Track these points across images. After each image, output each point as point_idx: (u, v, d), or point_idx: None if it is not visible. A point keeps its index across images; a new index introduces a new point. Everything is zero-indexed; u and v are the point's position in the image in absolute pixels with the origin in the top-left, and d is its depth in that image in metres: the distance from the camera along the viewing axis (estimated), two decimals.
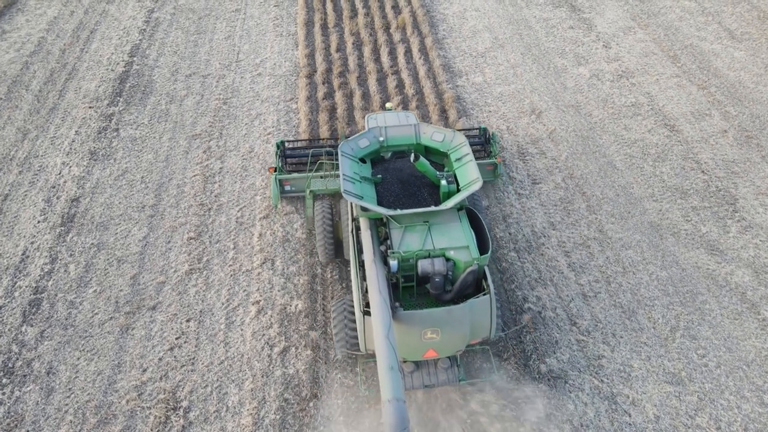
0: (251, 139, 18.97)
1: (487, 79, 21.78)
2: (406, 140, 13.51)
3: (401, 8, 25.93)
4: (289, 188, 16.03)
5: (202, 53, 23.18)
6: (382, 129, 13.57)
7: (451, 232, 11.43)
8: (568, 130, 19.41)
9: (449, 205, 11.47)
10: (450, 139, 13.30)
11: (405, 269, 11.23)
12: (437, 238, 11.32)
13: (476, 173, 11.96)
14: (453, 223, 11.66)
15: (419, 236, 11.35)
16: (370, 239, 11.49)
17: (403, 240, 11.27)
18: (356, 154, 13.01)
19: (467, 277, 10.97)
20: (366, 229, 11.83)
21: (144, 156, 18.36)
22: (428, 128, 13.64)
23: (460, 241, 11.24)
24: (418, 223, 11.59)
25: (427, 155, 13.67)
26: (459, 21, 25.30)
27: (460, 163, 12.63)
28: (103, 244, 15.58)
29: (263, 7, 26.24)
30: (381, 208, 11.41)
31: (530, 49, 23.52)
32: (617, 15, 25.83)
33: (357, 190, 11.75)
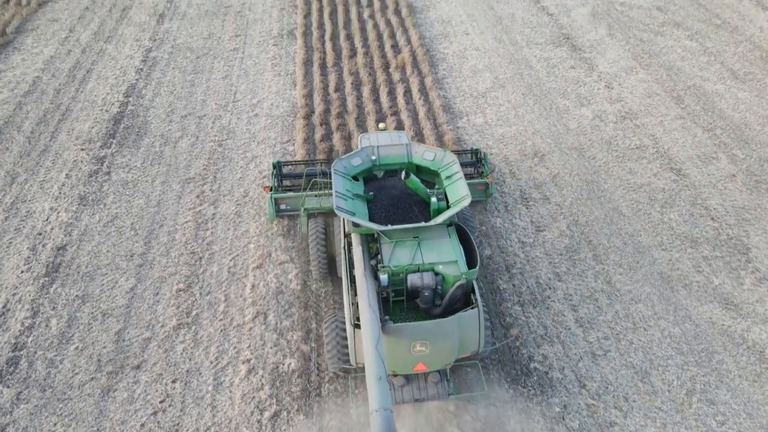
0: (246, 183, 18.44)
1: (488, 120, 21.39)
2: (398, 159, 13.84)
3: (401, 47, 25.75)
4: (285, 207, 16.26)
5: (198, 93, 22.86)
6: (374, 148, 13.91)
7: (440, 248, 11.70)
8: (572, 173, 18.90)
9: (438, 221, 11.81)
10: (440, 158, 13.61)
11: (395, 283, 11.51)
12: (427, 253, 11.58)
13: (465, 190, 12.23)
14: (442, 238, 11.94)
15: (409, 251, 11.63)
16: (361, 254, 11.76)
17: (394, 255, 11.55)
18: (349, 172, 13.34)
19: (456, 291, 11.17)
20: (357, 244, 12.10)
21: (135, 201, 17.80)
22: (419, 147, 13.98)
23: (449, 256, 11.50)
24: (408, 239, 11.88)
25: (419, 174, 13.91)
26: (459, 60, 25.07)
27: (450, 181, 12.94)
28: (88, 296, 14.88)
29: (262, 47, 26.07)
30: (372, 224, 11.76)
31: (531, 89, 23.21)
32: (618, 55, 25.62)
33: (349, 207, 12.08)
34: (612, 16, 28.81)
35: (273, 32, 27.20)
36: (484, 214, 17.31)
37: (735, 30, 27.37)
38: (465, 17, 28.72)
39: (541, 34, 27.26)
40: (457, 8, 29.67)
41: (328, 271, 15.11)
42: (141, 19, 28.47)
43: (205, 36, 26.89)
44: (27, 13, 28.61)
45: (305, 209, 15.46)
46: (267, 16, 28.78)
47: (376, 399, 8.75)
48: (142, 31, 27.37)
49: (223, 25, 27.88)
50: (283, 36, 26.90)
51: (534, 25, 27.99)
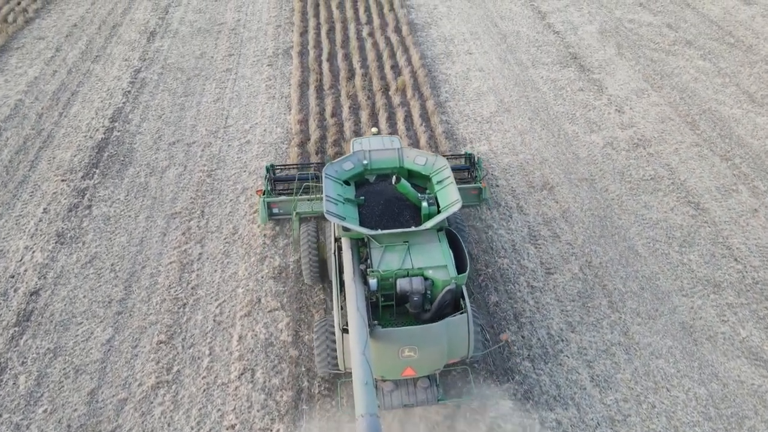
0: (235, 219, 17.28)
1: (494, 147, 20.24)
2: (390, 163, 13.90)
3: (401, 68, 24.65)
4: (277, 210, 16.14)
5: (188, 118, 21.74)
6: (366, 152, 13.92)
7: (429, 252, 11.71)
8: (583, 208, 17.73)
9: (428, 226, 11.77)
10: (432, 163, 13.67)
11: (384, 288, 11.50)
12: (416, 257, 11.59)
13: (456, 195, 12.31)
14: (432, 243, 11.96)
15: (399, 256, 11.62)
16: (350, 258, 11.82)
17: (383, 259, 11.54)
18: (340, 177, 13.38)
19: (445, 295, 11.19)
20: (347, 249, 12.19)
21: (116, 239, 16.64)
22: (411, 152, 14.02)
23: (438, 261, 11.51)
24: (398, 243, 11.87)
25: (411, 178, 13.94)
26: (462, 82, 23.96)
27: (441, 186, 13.01)
28: (60, 348, 13.69)
29: (256, 67, 24.97)
30: (362, 228, 11.77)
31: (538, 113, 22.08)
32: (629, 76, 24.50)
33: (339, 211, 12.13)
34: (621, 34, 27.72)
35: (268, 51, 26.12)
36: (490, 255, 16.14)
37: (749, 49, 26.26)
38: (468, 35, 27.65)
39: (548, 53, 26.16)
40: (459, 25, 28.59)
41: (320, 277, 14.96)
42: (131, 36, 27.41)
43: (197, 55, 25.81)
44: (13, 31, 27.55)
45: (297, 213, 15.42)
46: (262, 33, 27.71)
47: (363, 404, 8.87)
48: (132, 49, 26.29)
49: (216, 43, 26.81)
50: (279, 55, 25.81)
51: (540, 44, 26.90)
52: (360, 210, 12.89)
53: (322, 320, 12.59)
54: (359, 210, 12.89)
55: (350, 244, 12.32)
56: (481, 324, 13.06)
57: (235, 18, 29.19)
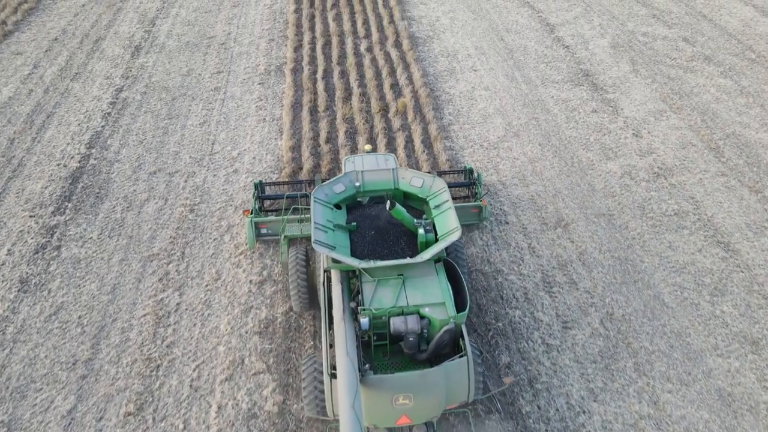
0: (219, 261, 15.67)
1: (502, 177, 18.63)
2: (384, 185, 13.20)
3: (402, 87, 23.04)
4: (266, 231, 15.46)
5: (171, 143, 20.13)
6: (358, 173, 13.22)
7: (426, 287, 11.08)
8: (602, 248, 16.11)
9: (425, 258, 11.03)
10: (429, 185, 12.95)
11: (377, 326, 10.83)
12: (412, 293, 10.96)
13: (455, 222, 11.62)
14: (429, 276, 11.30)
15: (393, 291, 10.98)
16: (340, 294, 11.15)
17: (375, 295, 10.90)
18: (331, 200, 12.69)
19: (443, 336, 10.50)
20: (337, 282, 11.48)
21: (86, 286, 15.03)
22: (407, 173, 13.29)
23: (435, 297, 10.86)
24: (392, 277, 11.23)
25: (407, 201, 13.34)
26: (467, 103, 22.35)
27: (439, 211, 12.30)
28: (15, 422, 12.07)
29: (246, 86, 23.37)
30: (353, 260, 11.04)
31: (549, 138, 20.47)
32: (645, 95, 22.89)
33: (329, 240, 11.42)
34: (635, 49, 26.10)
35: (259, 68, 24.52)
36: (500, 305, 14.52)
37: None
38: (473, 50, 26.04)
39: (558, 70, 24.56)
40: (463, 39, 26.98)
41: (310, 304, 13.96)
42: (114, 52, 25.81)
43: (183, 72, 24.21)
44: None
45: (285, 236, 14.72)
46: (254, 48, 26.11)
47: None
48: (115, 66, 24.69)
49: (205, 59, 25.21)
50: (271, 73, 24.21)
51: (549, 60, 25.29)
52: (351, 237, 12.15)
53: (311, 358, 11.63)
54: (351, 237, 12.14)
55: (340, 277, 11.57)
56: (482, 371, 11.83)
57: (225, 31, 27.60)
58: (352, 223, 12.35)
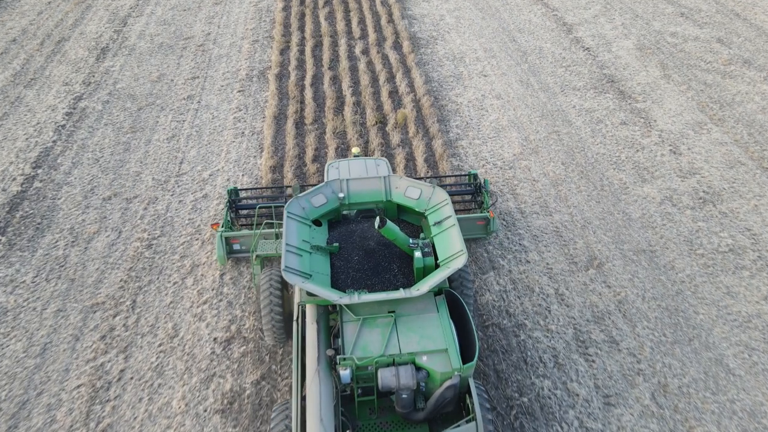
0: (178, 313, 12.78)
1: (521, 204, 15.74)
2: (373, 197, 11.23)
3: (402, 96, 20.16)
4: (240, 247, 13.32)
5: (132, 162, 17.25)
6: (342, 182, 11.29)
7: (424, 329, 9.13)
8: (646, 296, 13.22)
9: (422, 290, 9.01)
10: (428, 197, 10.97)
11: (362, 379, 8.91)
12: (406, 336, 9.02)
13: (459, 244, 9.62)
14: (427, 314, 9.37)
15: (381, 334, 9.06)
16: (315, 338, 9.25)
17: (360, 339, 8.99)
18: (309, 215, 10.76)
19: (445, 392, 8.62)
20: (312, 321, 9.57)
21: (10, 346, 12.14)
22: (401, 181, 11.30)
23: (435, 343, 8.94)
24: (381, 315, 9.31)
25: (402, 215, 11.53)
26: (477, 114, 19.46)
27: (440, 229, 10.32)
28: None
29: (224, 93, 20.48)
30: (331, 293, 9.07)
31: (573, 155, 17.58)
32: (681, 104, 20.00)
33: (303, 266, 9.51)
34: (664, 51, 23.22)
35: (240, 73, 21.64)
36: (524, 373, 11.62)
37: None
38: (481, 52, 23.16)
39: (579, 75, 21.68)
40: (471, 40, 24.11)
41: (286, 335, 11.70)
42: (77, 54, 22.94)
43: (154, 78, 21.33)
44: None
45: (257, 256, 12.52)
46: (235, 50, 23.25)
47: None
48: (76, 71, 21.82)
49: (180, 62, 22.34)
50: (253, 78, 21.33)
51: (568, 63, 22.41)
52: (333, 261, 10.22)
53: (282, 406, 9.54)
54: (332, 261, 10.21)
55: (316, 314, 9.66)
56: None
57: (204, 31, 24.72)
58: (334, 244, 10.38)
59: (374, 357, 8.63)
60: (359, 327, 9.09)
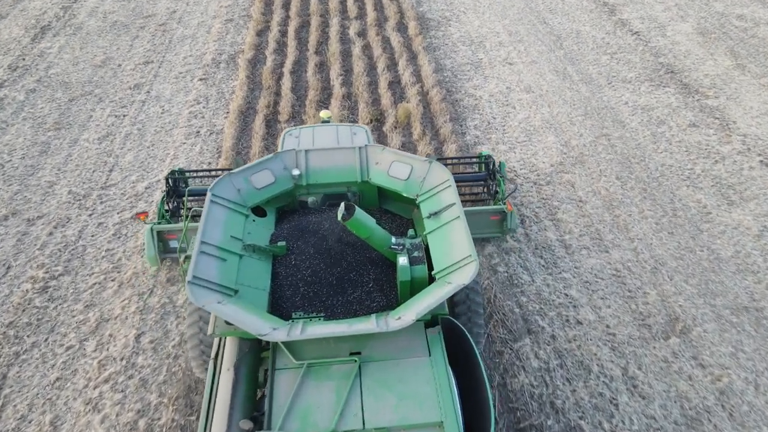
0: (63, 400, 8.59)
1: (565, 235, 11.44)
2: (343, 175, 7.99)
3: (405, 87, 15.89)
4: (177, 244, 9.86)
5: (47, 169, 13.11)
6: (299, 154, 8.07)
7: (406, 385, 5.60)
8: (760, 383, 8.88)
9: (406, 320, 5.54)
10: (421, 177, 7.59)
11: None
12: (375, 398, 5.51)
13: (467, 246, 6.30)
14: (413, 359, 5.84)
15: (335, 391, 5.59)
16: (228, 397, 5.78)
17: (299, 401, 5.54)
18: (246, 200, 7.48)
19: None
20: (228, 366, 6.07)
21: None
22: (384, 154, 7.99)
23: (424, 410, 5.40)
24: (337, 360, 5.88)
25: (384, 204, 8.25)
26: (501, 111, 15.15)
27: (438, 223, 6.92)
28: None
29: (181, 82, 16.28)
30: (258, 321, 5.71)
31: (630, 166, 13.25)
32: (764, 100, 15.57)
33: (226, 276, 6.34)
34: (732, 37, 18.76)
35: (206, 57, 17.45)
36: None
37: None
38: (505, 36, 18.83)
39: (628, 64, 17.30)
40: (492, 21, 19.77)
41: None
42: (11, 33, 18.86)
43: (97, 62, 17.19)
44: None
45: (186, 257, 8.81)
46: (203, 30, 19.07)
47: None
48: (4, 53, 17.73)
49: (133, 44, 18.20)
50: (220, 64, 17.13)
51: (614, 50, 18.03)
52: (276, 269, 7.11)
53: None
54: (275, 269, 7.11)
55: (236, 354, 6.21)
56: None
57: (170, 9, 20.56)
58: (279, 243, 7.38)
59: None
60: (300, 379, 5.75)
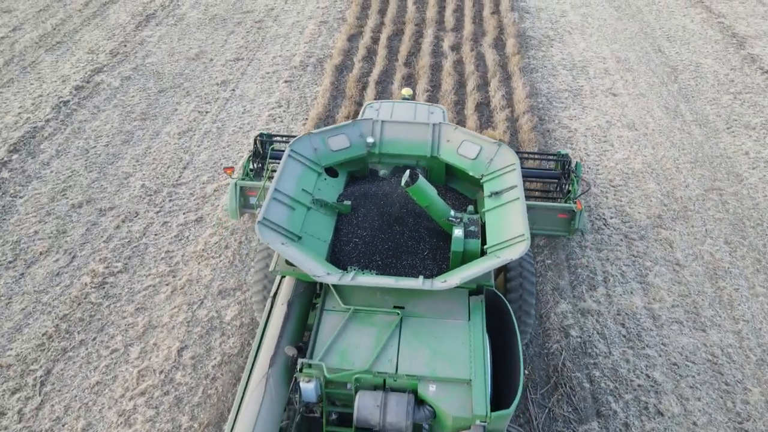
0: (98, 407, 8.45)
1: (654, 304, 10.02)
2: (414, 149, 8.53)
3: (494, 111, 14.83)
4: (256, 201, 10.08)
5: (126, 159, 13.29)
6: (375, 124, 8.67)
7: (442, 342, 6.05)
8: None
9: (450, 283, 5.94)
10: (488, 158, 8.01)
11: (334, 399, 6.12)
12: (410, 349, 5.99)
13: (521, 225, 6.68)
14: (452, 320, 6.27)
15: (375, 337, 6.10)
16: (278, 327, 6.35)
17: (340, 340, 6.06)
18: (321, 160, 8.12)
19: None
20: (283, 301, 6.64)
21: None
22: (456, 133, 8.46)
23: (455, 367, 5.83)
24: (381, 310, 6.39)
25: (450, 182, 8.80)
26: (597, 147, 13.73)
27: (497, 202, 7.31)
28: None
29: (266, 83, 16.12)
30: (315, 264, 6.28)
31: (743, 230, 11.50)
32: None
33: (293, 223, 7.00)
34: None
35: (294, 59, 17.23)
36: None
37: None
38: (612, 62, 17.24)
39: (755, 107, 15.26)
40: (599, 45, 18.20)
41: None
42: (119, 19, 19.58)
43: (191, 55, 17.42)
44: None
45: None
46: (297, 31, 18.89)
47: None
48: (109, 38, 18.37)
49: (227, 39, 18.32)
50: (307, 67, 16.83)
51: (739, 89, 16.00)
52: (339, 225, 7.65)
53: None
54: (338, 225, 7.64)
55: (292, 293, 6.72)
56: None
57: (268, 5, 20.59)
58: (345, 202, 7.93)
59: (354, 371, 5.81)
60: (345, 322, 6.27)
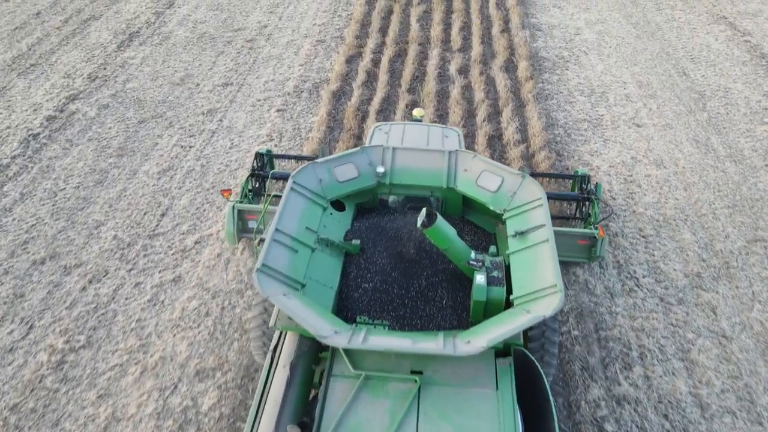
0: None
1: (701, 389, 8.66)
2: (428, 179, 7.66)
3: (507, 144, 13.44)
4: (255, 225, 9.23)
5: (99, 204, 11.92)
6: (386, 151, 7.80)
7: (467, 416, 5.14)
8: None
9: (477, 346, 5.06)
10: (511, 191, 7.11)
11: None
12: (431, 425, 5.07)
13: (553, 274, 5.73)
14: (477, 390, 5.34)
15: (389, 412, 5.19)
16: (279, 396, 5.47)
17: (350, 415, 5.19)
18: (327, 192, 7.35)
19: None
20: (285, 363, 5.77)
21: None
22: (475, 162, 7.55)
23: None
24: (396, 376, 5.49)
25: (467, 214, 7.95)
26: (623, 189, 12.34)
27: (524, 244, 6.38)
28: None
29: (257, 112, 14.75)
30: (319, 321, 5.43)
31: None
32: None
33: (295, 269, 6.18)
34: None
35: (288, 84, 15.88)
36: None
37: None
38: (633, 87, 15.89)
39: None
40: (618, 66, 16.84)
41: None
42: (99, 38, 18.21)
43: (176, 79, 16.07)
44: None
45: (260, 239, 8.99)
46: (291, 51, 17.53)
47: None
48: (87, 60, 16.98)
49: (216, 61, 16.97)
50: (302, 94, 15.48)
51: None
52: (347, 268, 6.67)
53: None
54: (345, 268, 6.66)
55: (294, 352, 5.78)
56: None
57: (261, 22, 19.23)
58: (354, 241, 7.00)
59: None
60: (355, 391, 5.30)
